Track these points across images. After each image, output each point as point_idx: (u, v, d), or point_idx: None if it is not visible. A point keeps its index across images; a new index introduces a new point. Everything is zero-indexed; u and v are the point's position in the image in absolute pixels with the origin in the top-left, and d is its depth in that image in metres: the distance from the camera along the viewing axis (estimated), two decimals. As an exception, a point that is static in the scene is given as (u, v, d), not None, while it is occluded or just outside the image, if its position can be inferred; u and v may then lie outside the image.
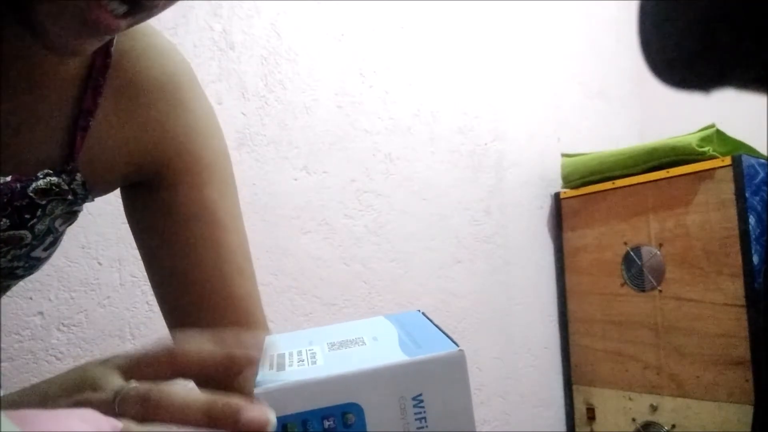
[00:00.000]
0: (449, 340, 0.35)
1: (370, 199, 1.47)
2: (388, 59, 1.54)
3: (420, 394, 0.32)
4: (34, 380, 0.98)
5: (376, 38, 1.52)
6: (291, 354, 0.37)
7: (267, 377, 0.34)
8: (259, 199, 1.29)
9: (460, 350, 0.33)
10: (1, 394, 0.54)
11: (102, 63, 0.51)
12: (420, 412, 0.32)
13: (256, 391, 0.32)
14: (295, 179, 1.35)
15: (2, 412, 0.27)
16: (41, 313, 1.02)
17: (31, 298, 1.01)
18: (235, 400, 0.33)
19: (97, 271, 1.08)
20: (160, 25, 0.49)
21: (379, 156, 1.49)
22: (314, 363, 0.35)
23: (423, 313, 0.43)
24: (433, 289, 1.54)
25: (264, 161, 1.31)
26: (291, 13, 1.38)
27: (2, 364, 0.96)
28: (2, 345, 0.96)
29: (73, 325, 1.04)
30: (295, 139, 1.36)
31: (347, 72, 1.46)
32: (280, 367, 0.36)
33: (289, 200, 1.33)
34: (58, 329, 1.03)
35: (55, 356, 1.02)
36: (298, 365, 0.35)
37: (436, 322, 0.40)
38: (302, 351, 0.37)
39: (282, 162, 1.33)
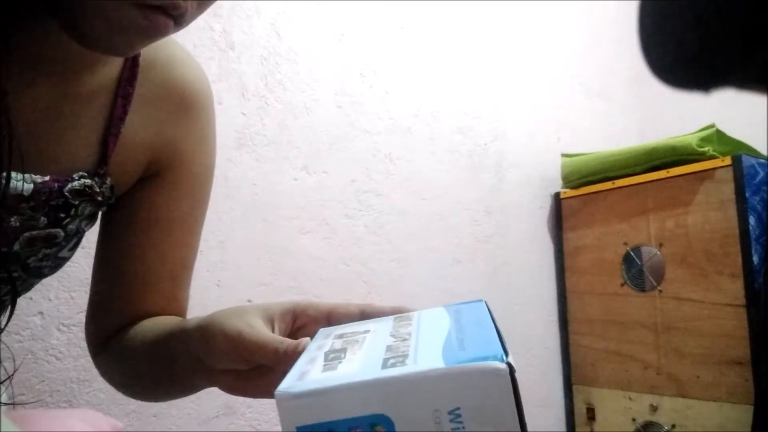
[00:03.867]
0: (499, 346, 0.31)
1: (370, 199, 1.47)
2: (388, 59, 1.54)
3: (457, 408, 0.28)
4: (34, 380, 0.99)
5: (376, 38, 1.52)
6: (327, 353, 0.35)
7: (291, 379, 0.31)
8: (259, 199, 1.29)
9: (505, 365, 0.29)
10: (2, 394, 0.54)
11: (130, 73, 0.54)
12: (458, 428, 0.29)
13: (276, 395, 0.30)
14: (295, 179, 1.35)
15: (2, 412, 0.27)
16: (41, 313, 1.02)
17: (31, 298, 1.01)
18: None
19: (97, 271, 1.08)
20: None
21: (379, 156, 1.49)
22: (347, 361, 0.32)
23: (486, 305, 0.40)
24: (433, 289, 1.54)
25: (264, 161, 1.31)
26: (291, 13, 1.38)
27: (2, 364, 0.96)
28: (2, 345, 0.96)
29: (73, 325, 1.04)
30: (295, 139, 1.36)
31: (347, 72, 1.46)
32: (310, 362, 0.34)
33: (289, 200, 1.33)
34: (58, 329, 1.03)
35: (55, 356, 1.02)
36: (327, 366, 0.32)
37: (495, 318, 0.37)
38: (339, 350, 0.35)
39: (282, 162, 1.33)
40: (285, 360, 0.41)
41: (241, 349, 0.44)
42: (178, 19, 0.43)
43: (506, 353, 0.30)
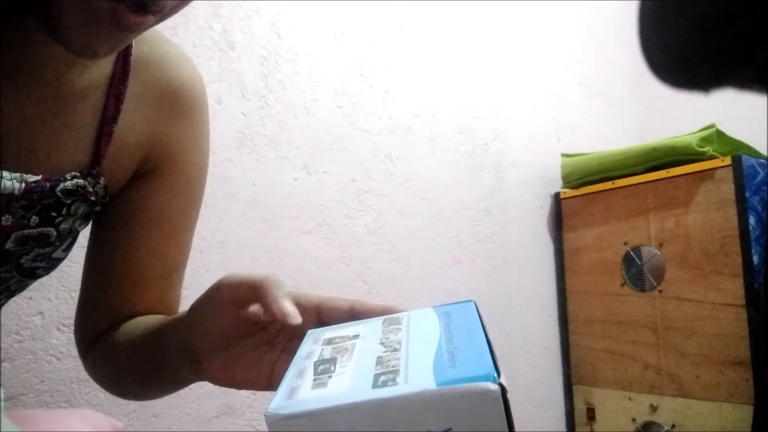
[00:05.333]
0: (491, 363, 0.31)
1: (370, 199, 1.47)
2: (388, 59, 1.54)
3: (449, 429, 0.29)
4: (34, 380, 0.99)
5: (376, 38, 1.52)
6: (317, 364, 0.35)
7: (281, 398, 0.31)
8: (259, 199, 1.29)
9: (497, 386, 0.29)
10: (1, 395, 0.54)
11: (122, 71, 0.54)
12: None
13: (266, 416, 0.30)
14: (295, 179, 1.35)
15: (2, 412, 0.27)
16: (41, 313, 1.02)
17: (31, 298, 1.01)
18: None
19: (97, 271, 1.08)
20: (160, 24, 0.49)
21: (379, 156, 1.49)
22: (337, 375, 0.33)
23: (475, 306, 0.41)
24: (433, 289, 1.54)
25: (264, 161, 1.31)
26: (291, 13, 1.38)
27: (2, 364, 0.96)
28: (2, 345, 0.96)
29: (73, 325, 1.04)
30: (295, 139, 1.36)
31: (347, 72, 1.46)
32: (300, 374, 0.34)
33: (289, 200, 1.33)
34: (58, 329, 1.03)
35: (55, 356, 1.02)
36: (317, 381, 0.33)
37: (483, 321, 0.38)
38: (328, 361, 0.35)
39: (282, 162, 1.33)
40: (277, 310, 0.44)
41: (244, 286, 0.46)
42: (158, 13, 0.42)
43: (498, 372, 0.30)
